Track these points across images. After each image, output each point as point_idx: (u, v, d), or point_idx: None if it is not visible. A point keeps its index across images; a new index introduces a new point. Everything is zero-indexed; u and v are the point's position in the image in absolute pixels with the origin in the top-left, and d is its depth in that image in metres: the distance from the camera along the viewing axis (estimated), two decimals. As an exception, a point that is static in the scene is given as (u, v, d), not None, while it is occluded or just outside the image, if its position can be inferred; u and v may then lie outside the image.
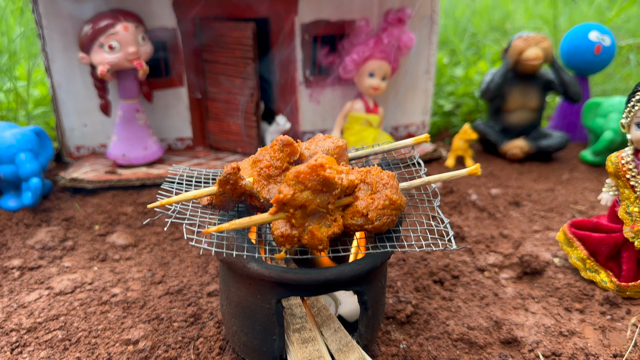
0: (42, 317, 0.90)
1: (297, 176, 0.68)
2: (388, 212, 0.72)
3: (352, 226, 0.72)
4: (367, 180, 0.74)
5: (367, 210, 0.72)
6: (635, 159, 0.94)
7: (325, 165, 0.69)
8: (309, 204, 0.69)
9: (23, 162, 1.22)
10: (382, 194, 0.72)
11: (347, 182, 0.72)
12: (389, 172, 0.75)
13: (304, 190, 0.69)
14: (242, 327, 0.77)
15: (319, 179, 0.69)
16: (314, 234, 0.69)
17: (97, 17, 1.33)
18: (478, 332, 0.90)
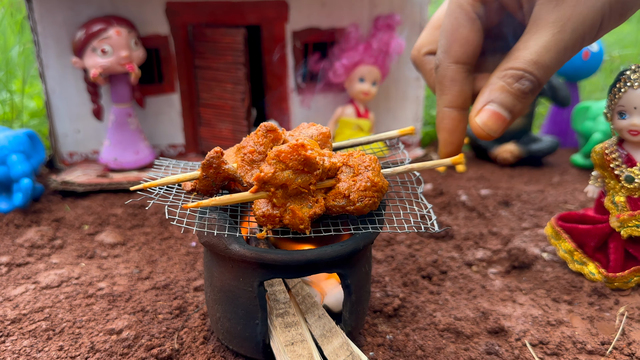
0: (27, 309, 0.90)
1: (278, 155, 0.69)
2: (370, 194, 0.72)
3: (334, 207, 0.73)
4: (349, 163, 0.74)
5: (349, 191, 0.72)
6: (619, 148, 0.95)
7: (307, 145, 0.70)
8: (290, 183, 0.69)
9: (14, 163, 1.23)
10: (364, 176, 0.73)
11: (329, 164, 0.72)
12: (371, 156, 0.76)
13: (285, 170, 0.69)
14: (225, 313, 0.77)
15: (300, 158, 0.69)
16: (295, 213, 0.69)
17: (91, 22, 1.35)
18: (465, 323, 0.89)
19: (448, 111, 0.70)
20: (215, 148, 0.73)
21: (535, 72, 0.60)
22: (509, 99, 0.62)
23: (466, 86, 0.69)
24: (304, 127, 0.86)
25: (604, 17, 0.57)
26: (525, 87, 0.61)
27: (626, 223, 0.94)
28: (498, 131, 0.64)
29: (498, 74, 0.62)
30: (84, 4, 1.40)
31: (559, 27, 0.58)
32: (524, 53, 0.60)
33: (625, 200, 0.95)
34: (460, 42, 0.67)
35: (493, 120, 0.63)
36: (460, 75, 0.68)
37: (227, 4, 1.48)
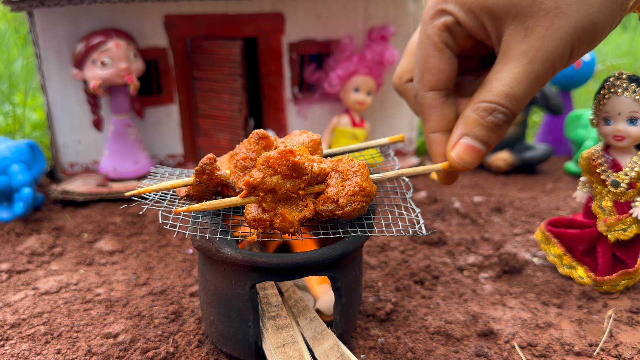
0: (26, 314, 0.92)
1: (267, 161, 0.71)
2: (358, 199, 0.74)
3: (323, 212, 0.74)
4: (338, 168, 0.76)
5: (337, 196, 0.73)
6: (605, 154, 0.97)
7: (296, 151, 0.72)
8: (279, 188, 0.71)
9: (15, 173, 1.25)
10: (353, 181, 0.74)
11: (318, 170, 0.74)
12: (360, 162, 0.78)
13: (273, 175, 0.71)
14: (218, 316, 0.79)
15: (289, 164, 0.71)
16: (285, 217, 0.71)
17: (91, 34, 1.39)
18: (455, 326, 0.91)
19: (434, 136, 0.70)
20: (208, 155, 0.75)
21: (507, 105, 0.60)
22: (483, 132, 0.63)
23: (446, 109, 0.69)
24: (296, 134, 0.88)
25: (573, 47, 0.58)
26: (498, 120, 0.61)
27: (613, 227, 0.96)
28: (474, 163, 0.66)
29: (471, 107, 0.63)
30: (84, 18, 1.43)
31: (529, 58, 0.58)
32: (495, 85, 0.61)
33: (612, 205, 0.97)
34: (432, 72, 0.68)
35: (468, 153, 0.65)
36: (438, 102, 0.69)
37: (224, 16, 1.52)
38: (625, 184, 0.95)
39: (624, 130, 0.93)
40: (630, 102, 0.92)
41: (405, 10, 1.63)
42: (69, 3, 1.29)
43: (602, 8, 0.57)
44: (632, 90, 0.91)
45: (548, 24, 0.58)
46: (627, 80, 0.92)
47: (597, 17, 0.57)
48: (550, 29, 0.58)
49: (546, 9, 0.58)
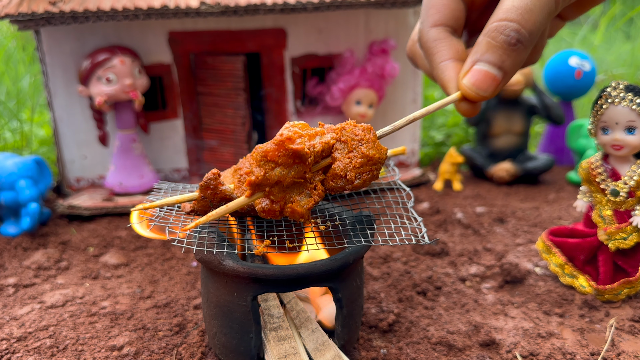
0: (32, 328, 0.93)
1: (265, 156, 0.67)
2: (367, 169, 0.69)
3: (334, 189, 0.70)
4: (342, 138, 0.71)
5: (345, 171, 0.69)
6: (604, 163, 0.98)
7: (293, 137, 0.67)
8: (284, 178, 0.67)
9: (22, 189, 1.27)
10: (359, 152, 0.69)
11: (321, 146, 0.69)
12: (364, 125, 0.71)
13: (275, 168, 0.67)
14: (220, 328, 0.80)
15: (288, 153, 0.66)
16: (295, 210, 0.68)
17: (96, 51, 1.41)
18: (457, 336, 0.91)
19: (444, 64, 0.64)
20: (212, 170, 0.76)
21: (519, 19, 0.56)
22: (497, 54, 0.58)
23: (454, 41, 0.65)
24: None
25: None
26: (511, 38, 0.56)
27: (613, 236, 0.96)
28: (489, 91, 0.60)
29: (483, 31, 0.59)
30: (89, 35, 1.46)
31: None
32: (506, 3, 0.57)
33: (612, 214, 0.98)
34: (436, 8, 0.65)
35: (482, 79, 0.59)
36: (443, 34, 0.65)
37: (227, 32, 1.54)
38: (625, 192, 0.95)
39: (622, 140, 0.94)
40: (627, 111, 0.93)
41: (405, 23, 1.65)
42: (74, 21, 1.32)
43: None
44: (629, 99, 0.92)
45: None
46: (624, 90, 0.93)
47: None
48: None
49: None
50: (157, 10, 1.33)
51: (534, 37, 0.57)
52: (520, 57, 0.58)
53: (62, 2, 1.31)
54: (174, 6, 1.33)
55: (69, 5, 1.30)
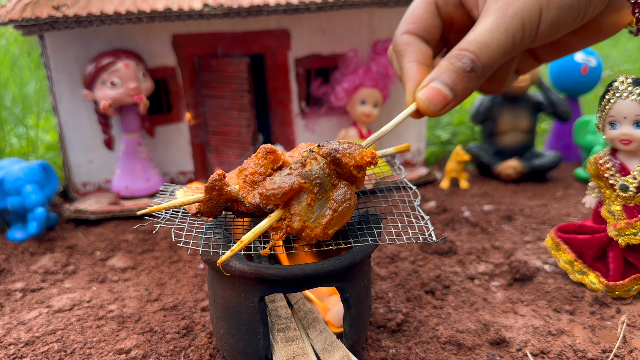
0: (40, 332, 0.93)
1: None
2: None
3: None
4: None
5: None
6: (613, 158, 0.97)
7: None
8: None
9: (29, 193, 1.28)
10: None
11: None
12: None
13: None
14: (228, 329, 0.79)
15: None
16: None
17: (100, 55, 1.42)
18: (467, 335, 0.90)
19: (409, 65, 0.71)
20: (217, 171, 0.76)
21: (476, 51, 0.63)
22: (451, 77, 0.65)
23: (423, 47, 0.71)
24: (303, 147, 0.89)
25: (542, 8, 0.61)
26: (465, 66, 0.63)
27: (623, 231, 0.95)
28: (438, 107, 0.67)
29: (446, 56, 0.66)
30: (94, 39, 1.47)
31: (501, 12, 0.62)
32: (469, 36, 0.64)
33: (621, 209, 0.96)
34: (412, 18, 0.72)
35: (434, 95, 0.66)
36: (414, 40, 0.71)
37: (231, 34, 1.54)
38: (634, 187, 0.94)
39: (630, 134, 0.93)
40: (635, 105, 0.92)
41: (409, 22, 1.64)
42: (78, 26, 1.32)
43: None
44: (637, 93, 0.91)
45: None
46: (632, 84, 0.92)
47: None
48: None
49: None
50: (160, 13, 1.33)
51: (487, 69, 0.64)
52: (471, 84, 0.65)
53: (65, 6, 1.31)
54: (177, 9, 1.33)
55: (73, 9, 1.31)
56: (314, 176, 0.70)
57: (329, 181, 0.71)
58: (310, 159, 0.71)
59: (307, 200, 0.70)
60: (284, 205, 0.71)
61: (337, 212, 0.70)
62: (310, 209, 0.70)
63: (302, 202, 0.70)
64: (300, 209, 0.70)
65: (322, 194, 0.70)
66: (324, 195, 0.71)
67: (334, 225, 0.70)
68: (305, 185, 0.70)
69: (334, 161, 0.70)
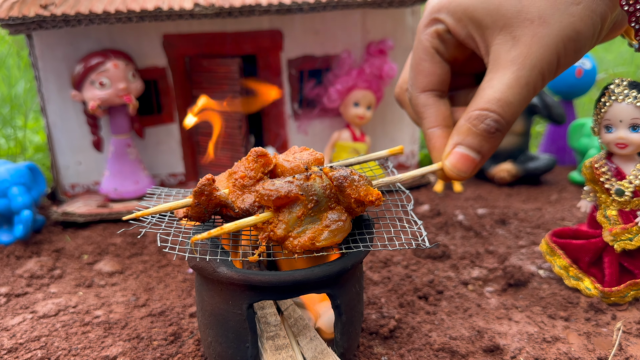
0: (23, 339, 0.90)
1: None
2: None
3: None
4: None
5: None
6: (608, 162, 0.95)
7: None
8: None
9: (15, 196, 1.25)
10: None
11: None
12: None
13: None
14: (216, 337, 0.77)
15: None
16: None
17: (89, 55, 1.39)
18: (460, 342, 0.88)
19: (431, 131, 0.72)
20: (206, 175, 0.74)
21: (499, 111, 0.62)
22: (476, 140, 0.64)
23: (441, 107, 0.71)
24: (296, 150, 0.87)
25: (560, 54, 0.60)
26: (490, 127, 0.62)
27: (619, 237, 0.94)
28: (468, 172, 0.66)
29: (465, 116, 0.65)
30: (82, 39, 1.44)
31: (518, 65, 0.60)
32: (487, 92, 0.62)
33: (617, 214, 0.95)
34: (424, 74, 0.71)
35: (462, 162, 0.66)
36: (431, 100, 0.71)
37: (223, 35, 1.52)
38: (630, 192, 0.93)
39: (626, 138, 0.91)
40: (631, 108, 0.90)
41: (403, 24, 1.63)
42: (66, 25, 1.29)
43: (584, 17, 0.59)
44: (633, 96, 0.90)
45: (533, 32, 0.60)
46: (628, 87, 0.91)
47: (580, 26, 0.60)
48: (536, 36, 0.60)
49: (531, 18, 0.60)
50: (150, 12, 1.31)
51: (511, 124, 0.64)
52: (497, 143, 0.65)
53: (53, 5, 1.29)
54: (168, 8, 1.31)
55: (61, 8, 1.28)
56: (313, 192, 0.69)
57: (326, 202, 0.70)
58: (315, 175, 0.70)
59: (298, 213, 0.69)
60: (275, 209, 0.70)
61: (328, 228, 0.69)
62: (299, 222, 0.69)
63: (293, 213, 0.69)
64: (288, 218, 0.69)
65: (316, 212, 0.70)
66: (317, 213, 0.70)
67: (324, 239, 0.69)
68: (302, 198, 0.69)
69: (338, 187, 0.70)
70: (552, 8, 0.60)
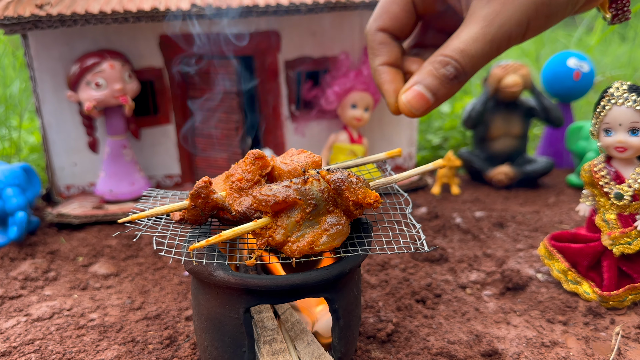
0: (17, 342, 0.89)
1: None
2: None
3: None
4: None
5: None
6: (607, 166, 0.95)
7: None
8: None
9: (9, 197, 1.24)
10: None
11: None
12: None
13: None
14: (212, 342, 0.76)
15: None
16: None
17: (85, 56, 1.38)
18: (458, 346, 0.88)
19: (382, 68, 0.75)
20: (203, 178, 0.73)
21: (460, 60, 0.64)
22: (434, 82, 0.67)
23: (395, 48, 0.75)
24: (294, 152, 0.86)
25: (530, 18, 0.62)
26: (449, 74, 0.65)
27: (618, 241, 0.94)
28: (420, 110, 0.69)
29: (429, 59, 0.67)
30: (78, 39, 1.43)
31: (487, 21, 0.62)
32: (454, 42, 0.65)
33: (616, 218, 0.95)
34: (389, 15, 0.74)
35: (416, 99, 0.68)
36: (387, 40, 0.74)
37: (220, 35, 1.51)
38: (629, 196, 0.92)
39: (626, 142, 0.91)
40: (631, 112, 0.90)
41: (401, 25, 1.62)
42: (62, 25, 1.28)
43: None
44: (632, 100, 0.90)
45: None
46: (628, 90, 0.91)
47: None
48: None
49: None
50: (147, 13, 1.30)
51: (469, 76, 0.67)
52: (453, 90, 0.68)
53: (49, 5, 1.28)
54: (165, 9, 1.30)
55: (57, 8, 1.27)
56: (311, 196, 0.69)
57: (324, 206, 0.70)
58: (312, 179, 0.70)
59: (296, 217, 0.68)
60: (274, 214, 0.70)
61: (327, 232, 0.68)
62: (298, 226, 0.69)
63: (292, 218, 0.68)
64: (287, 223, 0.68)
65: (314, 216, 0.69)
66: (315, 217, 0.69)
67: (323, 244, 0.68)
68: (300, 202, 0.68)
69: (336, 190, 0.70)
70: None
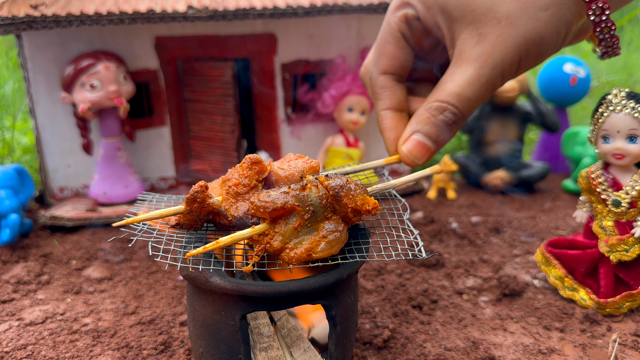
0: (9, 347, 0.88)
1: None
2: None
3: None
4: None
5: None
6: (605, 172, 0.95)
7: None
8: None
9: (2, 199, 1.22)
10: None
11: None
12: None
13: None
14: (207, 348, 0.75)
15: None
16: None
17: (79, 57, 1.37)
18: (455, 353, 0.87)
19: (385, 113, 0.75)
20: (199, 182, 0.72)
21: (457, 105, 0.64)
22: (433, 129, 0.67)
23: (398, 91, 0.75)
24: (291, 157, 0.85)
25: (521, 57, 0.62)
26: (448, 119, 0.65)
27: (615, 248, 0.93)
28: (422, 159, 0.70)
29: (425, 106, 0.67)
30: (73, 40, 1.42)
31: (480, 63, 0.62)
32: (448, 86, 0.64)
33: (613, 225, 0.95)
34: (387, 56, 0.74)
35: (418, 149, 0.69)
36: (390, 83, 0.74)
37: (216, 37, 1.50)
38: (627, 203, 0.92)
39: (624, 149, 0.91)
40: (629, 119, 0.90)
41: (398, 29, 1.62)
42: (57, 26, 1.27)
43: (549, 24, 0.61)
44: (630, 107, 0.90)
45: (499, 32, 0.62)
46: (626, 97, 0.90)
47: (544, 32, 0.61)
48: (501, 37, 0.62)
49: (499, 17, 0.62)
50: (143, 14, 1.29)
51: (467, 118, 0.67)
52: (452, 134, 0.69)
53: (44, 5, 1.27)
54: (161, 10, 1.29)
55: (51, 9, 1.26)
56: (309, 203, 0.68)
57: (322, 212, 0.69)
58: (311, 185, 0.69)
59: (294, 224, 0.68)
60: (271, 221, 0.69)
61: (325, 238, 0.68)
62: (296, 233, 0.68)
63: (290, 224, 0.68)
64: (285, 230, 0.67)
65: (312, 222, 0.69)
66: (313, 224, 0.69)
67: (321, 250, 0.67)
68: (298, 209, 0.68)
69: (335, 197, 0.69)
70: (520, 10, 0.61)
